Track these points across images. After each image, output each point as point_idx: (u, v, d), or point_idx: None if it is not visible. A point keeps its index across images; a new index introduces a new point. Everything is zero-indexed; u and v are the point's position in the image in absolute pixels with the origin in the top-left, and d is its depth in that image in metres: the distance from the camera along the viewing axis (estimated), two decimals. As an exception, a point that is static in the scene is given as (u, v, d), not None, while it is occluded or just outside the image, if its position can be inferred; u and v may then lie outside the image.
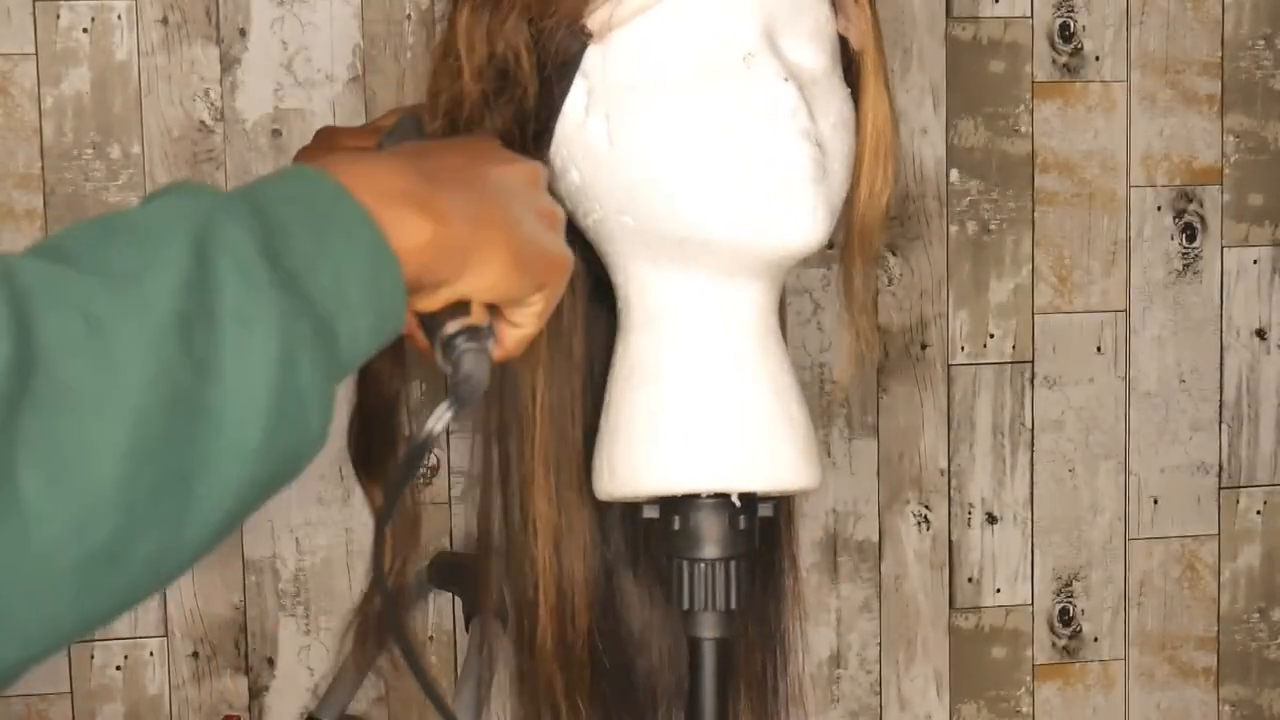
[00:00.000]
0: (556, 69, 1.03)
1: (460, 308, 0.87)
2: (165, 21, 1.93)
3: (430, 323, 0.87)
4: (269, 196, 0.76)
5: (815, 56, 1.06)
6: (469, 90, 1.05)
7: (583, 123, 1.04)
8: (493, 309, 0.90)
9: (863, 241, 1.12)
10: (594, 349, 1.13)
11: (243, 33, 1.94)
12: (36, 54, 1.91)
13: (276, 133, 1.95)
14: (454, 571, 1.84)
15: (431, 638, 2.02)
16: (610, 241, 1.07)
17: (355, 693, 1.87)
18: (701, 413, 1.06)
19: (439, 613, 2.02)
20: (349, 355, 0.77)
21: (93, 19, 1.92)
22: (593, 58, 1.03)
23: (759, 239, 1.01)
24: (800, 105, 1.00)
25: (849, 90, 1.09)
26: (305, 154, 1.20)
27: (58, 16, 1.91)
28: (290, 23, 1.95)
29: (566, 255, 0.93)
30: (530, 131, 1.05)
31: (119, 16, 1.92)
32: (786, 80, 1.01)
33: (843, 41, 1.10)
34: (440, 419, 0.84)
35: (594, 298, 1.12)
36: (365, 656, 1.31)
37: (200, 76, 1.94)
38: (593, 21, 1.02)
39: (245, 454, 0.70)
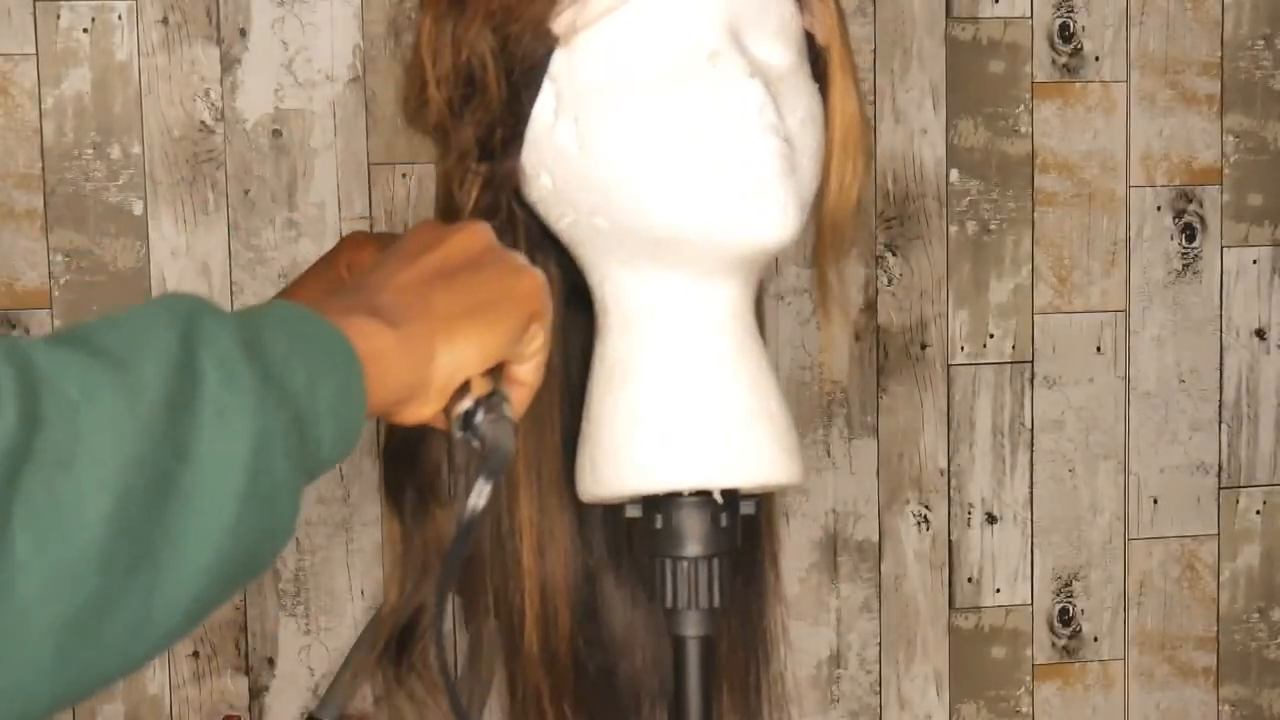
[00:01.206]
0: (523, 74, 1.03)
1: (463, 388, 0.89)
2: (165, 22, 1.93)
3: (444, 413, 0.90)
4: (251, 310, 0.81)
5: (781, 53, 1.06)
6: (434, 98, 1.05)
7: (552, 126, 1.04)
8: (495, 371, 0.92)
9: (834, 236, 1.12)
10: (572, 353, 1.14)
11: (243, 33, 1.95)
12: (37, 54, 1.92)
13: (277, 133, 1.96)
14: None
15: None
16: (584, 244, 1.07)
17: (356, 693, 1.87)
18: (681, 411, 1.06)
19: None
20: (316, 457, 0.79)
21: (93, 19, 1.92)
22: (559, 62, 1.03)
23: (731, 236, 1.01)
24: (767, 102, 1.01)
25: (817, 86, 1.09)
26: (340, 251, 1.26)
27: (58, 17, 1.92)
28: (290, 23, 1.96)
29: (535, 281, 0.94)
30: (499, 137, 1.05)
31: (119, 17, 1.93)
32: (752, 77, 1.01)
33: (809, 37, 1.10)
34: (480, 494, 0.87)
35: (570, 302, 1.13)
36: (374, 665, 1.32)
37: (200, 76, 1.95)
38: (558, 25, 1.02)
39: (215, 537, 0.73)
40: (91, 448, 0.69)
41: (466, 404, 0.90)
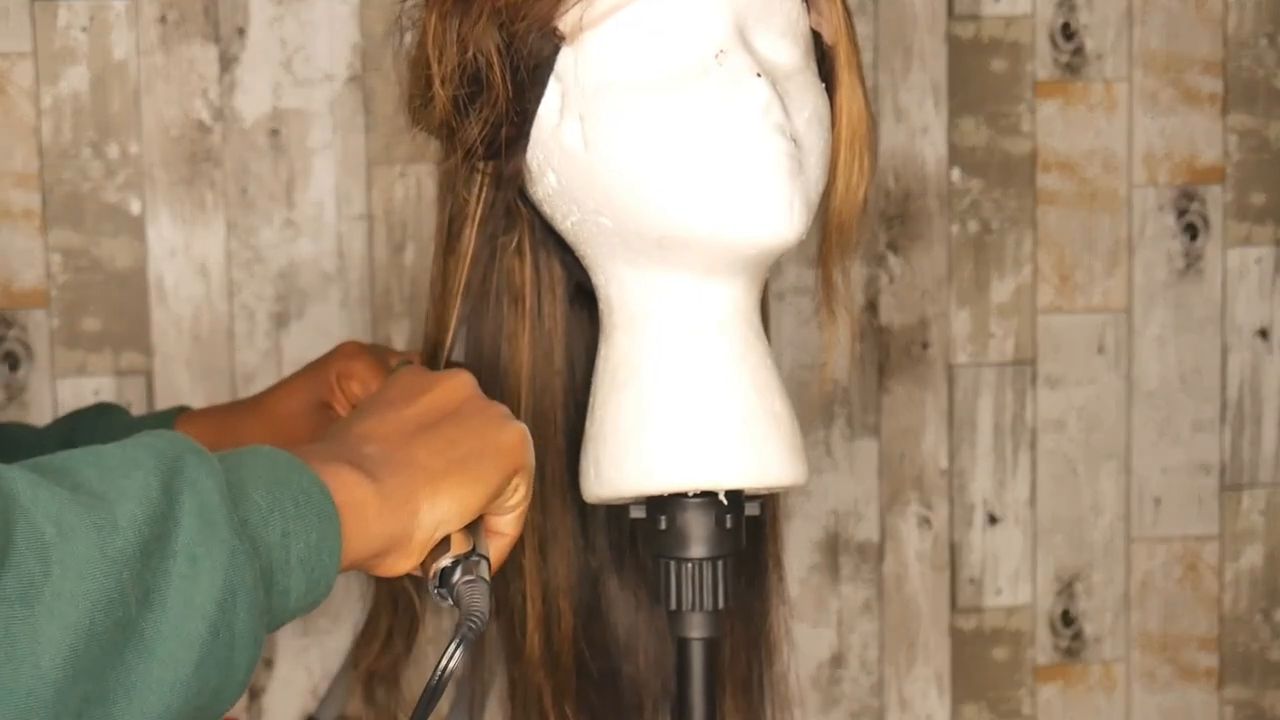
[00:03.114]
0: (529, 72, 1.03)
1: (442, 544, 0.89)
2: (163, 20, 1.93)
3: (421, 567, 0.89)
4: (237, 454, 0.81)
5: (788, 52, 1.06)
6: (440, 96, 1.05)
7: (557, 125, 1.04)
8: (474, 525, 0.92)
9: (840, 236, 1.12)
10: (575, 353, 1.14)
11: (241, 31, 1.94)
12: (34, 52, 1.91)
13: (275, 132, 1.95)
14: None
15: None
16: (590, 243, 1.07)
17: (354, 694, 1.86)
18: (686, 411, 1.06)
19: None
20: (282, 609, 0.80)
21: (91, 18, 1.92)
22: (565, 60, 1.03)
23: (737, 236, 1.01)
24: (774, 101, 1.01)
25: (823, 85, 1.09)
26: (332, 360, 1.26)
27: (55, 15, 1.91)
28: (289, 21, 1.95)
29: (517, 434, 0.94)
30: (505, 136, 1.05)
31: (117, 15, 1.92)
32: (759, 76, 1.01)
33: (816, 36, 1.10)
34: (452, 657, 0.87)
35: (574, 302, 1.13)
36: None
37: (199, 75, 1.94)
38: (564, 24, 1.02)
39: (170, 685, 0.73)
40: (58, 587, 0.69)
41: (445, 561, 0.90)
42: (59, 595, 0.69)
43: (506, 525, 0.94)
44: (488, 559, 0.92)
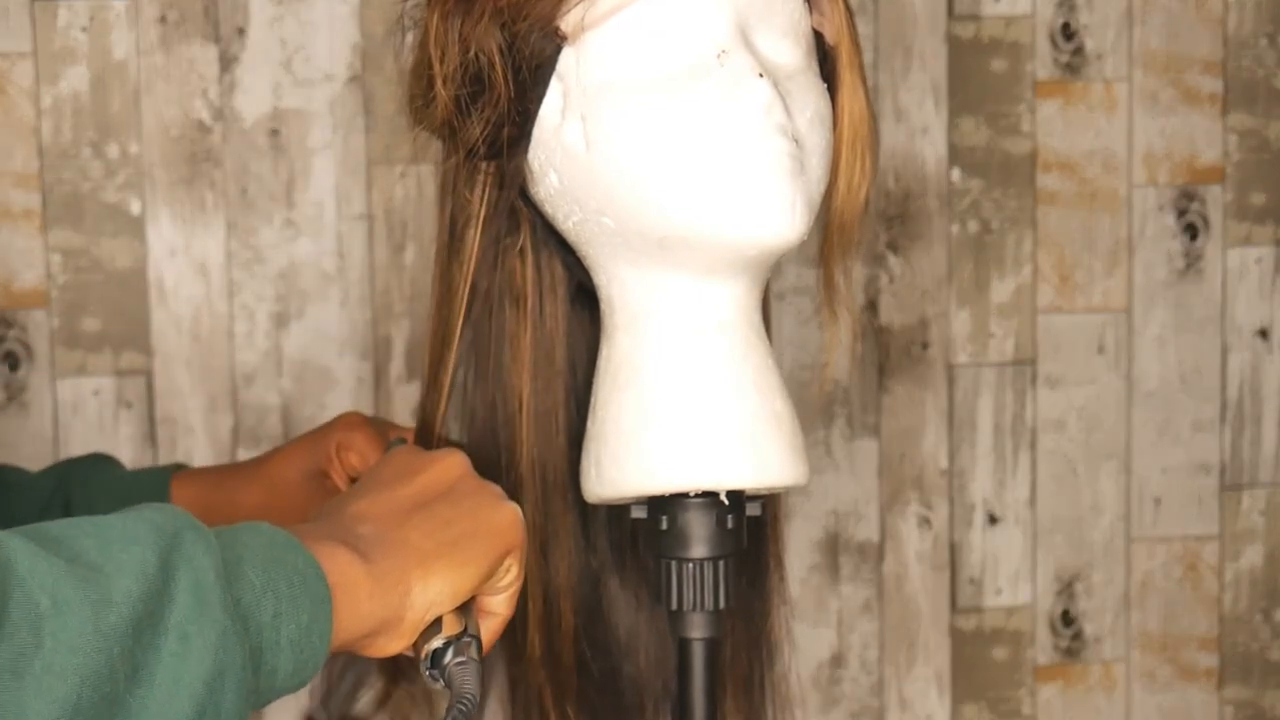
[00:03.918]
0: (531, 72, 1.03)
1: (434, 625, 0.89)
2: (163, 20, 1.92)
3: (413, 648, 0.90)
4: (230, 534, 0.81)
5: (790, 52, 1.06)
6: (442, 95, 1.05)
7: (559, 125, 1.04)
8: (465, 606, 0.92)
9: (842, 236, 1.12)
10: (577, 353, 1.14)
11: (241, 31, 1.94)
12: (35, 52, 1.91)
13: (275, 132, 1.95)
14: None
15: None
16: (591, 243, 1.07)
17: (356, 693, 1.86)
18: (687, 412, 1.06)
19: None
20: (269, 688, 0.80)
21: (91, 18, 1.91)
22: (567, 60, 1.03)
23: (738, 236, 1.01)
24: (775, 101, 1.00)
25: (825, 85, 1.09)
26: (332, 429, 1.26)
27: (55, 15, 1.91)
28: (289, 21, 1.95)
29: (510, 515, 0.94)
30: (507, 135, 1.05)
31: (117, 15, 1.92)
32: (761, 76, 1.01)
33: (818, 36, 1.10)
34: None
35: (576, 302, 1.13)
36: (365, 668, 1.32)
37: (199, 75, 1.94)
38: (566, 24, 1.02)
39: None
40: (49, 660, 0.69)
41: (436, 643, 0.90)
42: (49, 669, 0.69)
43: (498, 605, 0.95)
44: (479, 639, 0.92)
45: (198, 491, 1.29)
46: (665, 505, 1.07)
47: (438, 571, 0.88)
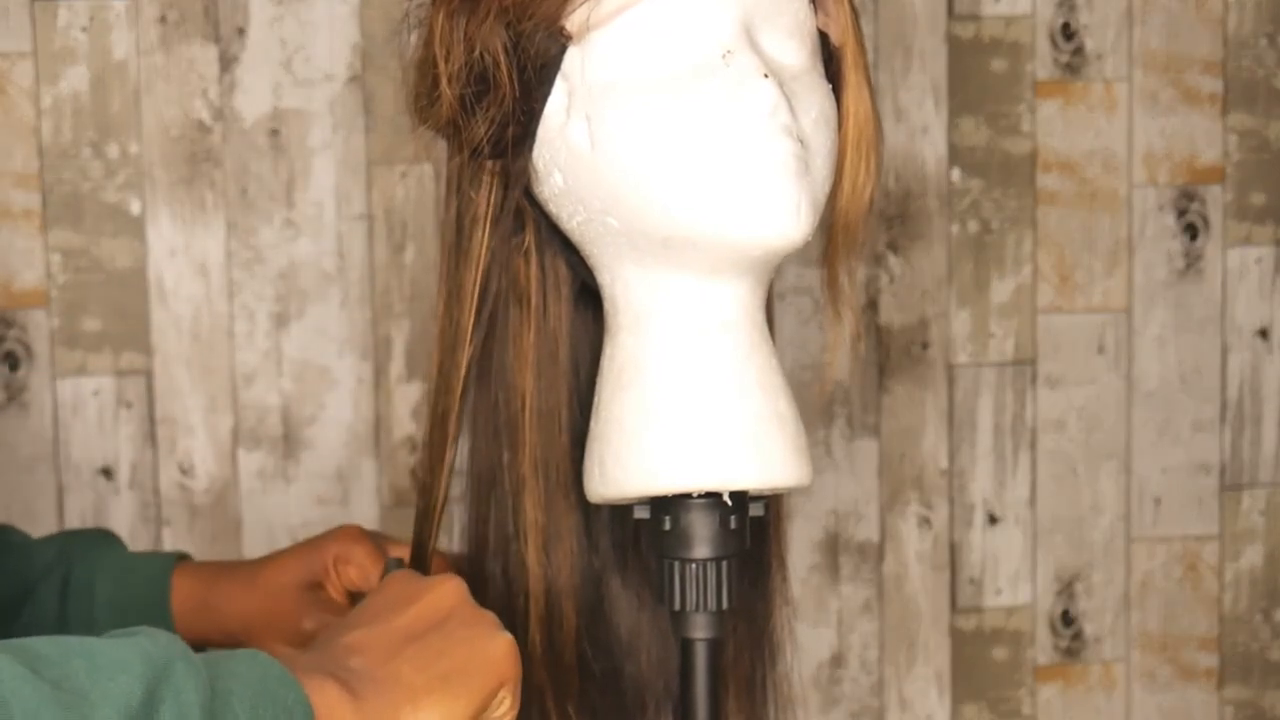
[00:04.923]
0: (536, 72, 1.03)
1: None
2: (163, 20, 1.92)
3: None
4: (225, 662, 0.81)
5: (795, 52, 1.06)
6: (446, 95, 1.05)
7: (564, 125, 1.04)
8: None
9: (846, 237, 1.12)
10: (580, 353, 1.14)
11: (241, 31, 1.94)
12: (34, 52, 1.91)
13: (275, 132, 1.95)
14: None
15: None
16: (595, 243, 1.07)
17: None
18: (690, 412, 1.06)
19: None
20: None
21: (91, 18, 1.91)
22: (572, 59, 1.03)
23: (743, 237, 1.01)
24: (780, 102, 1.00)
25: (830, 86, 1.09)
26: (331, 541, 1.26)
27: (55, 15, 1.91)
28: (289, 21, 1.95)
29: (505, 646, 0.95)
30: (511, 135, 1.05)
31: (117, 15, 1.92)
32: (766, 77, 1.01)
33: (823, 37, 1.10)
34: None
35: (580, 301, 1.13)
36: None
37: (199, 75, 1.94)
38: (571, 23, 1.02)
39: None
40: None
41: None
42: None
43: None
44: None
45: (192, 589, 1.28)
46: (668, 505, 1.07)
47: (428, 707, 0.88)
